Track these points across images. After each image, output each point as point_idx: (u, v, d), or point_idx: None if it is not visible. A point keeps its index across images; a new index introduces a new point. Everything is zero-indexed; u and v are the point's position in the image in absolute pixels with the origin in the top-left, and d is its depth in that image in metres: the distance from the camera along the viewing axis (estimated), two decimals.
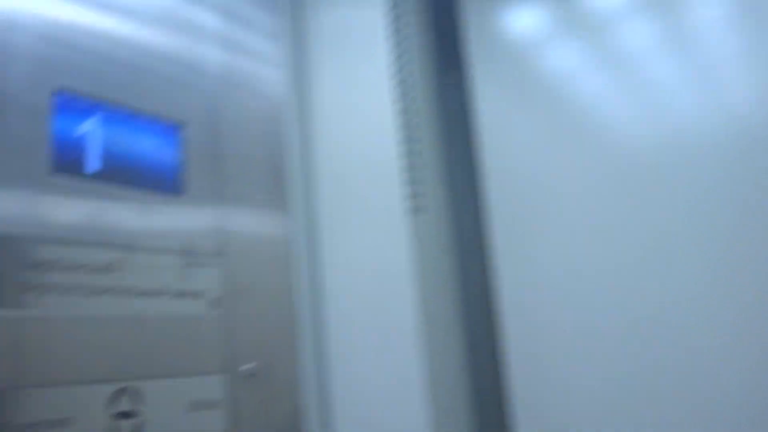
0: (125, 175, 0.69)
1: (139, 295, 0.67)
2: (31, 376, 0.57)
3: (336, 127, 0.92)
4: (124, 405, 0.64)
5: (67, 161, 0.64)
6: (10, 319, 0.56)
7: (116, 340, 0.64)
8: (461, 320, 0.96)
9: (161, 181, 0.72)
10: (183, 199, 0.74)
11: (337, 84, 0.93)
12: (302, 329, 0.84)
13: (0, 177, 0.58)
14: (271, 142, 0.86)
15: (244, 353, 0.76)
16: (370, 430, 0.81)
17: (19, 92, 0.61)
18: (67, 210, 0.63)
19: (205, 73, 0.80)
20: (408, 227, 0.84)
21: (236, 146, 0.81)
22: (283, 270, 0.84)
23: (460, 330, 0.95)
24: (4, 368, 0.55)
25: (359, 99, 0.91)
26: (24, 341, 0.57)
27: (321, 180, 0.92)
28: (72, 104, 0.66)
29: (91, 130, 0.67)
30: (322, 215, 0.90)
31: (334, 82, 0.94)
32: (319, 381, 0.85)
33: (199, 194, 0.76)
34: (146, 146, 0.72)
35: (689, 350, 0.74)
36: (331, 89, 0.94)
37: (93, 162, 0.66)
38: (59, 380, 0.59)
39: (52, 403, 0.58)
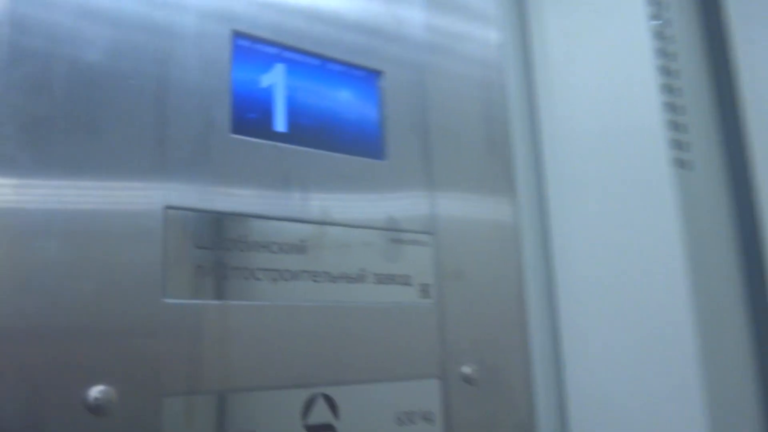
0: (317, 135, 0.58)
1: (336, 280, 0.55)
2: (210, 381, 0.47)
3: (568, 88, 0.76)
4: (320, 416, 0.52)
5: (249, 119, 0.54)
6: (185, 309, 0.47)
7: (309, 336, 0.53)
8: (744, 307, 0.76)
9: (360, 144, 0.60)
10: (385, 166, 0.61)
11: (568, 36, 0.77)
12: (533, 327, 0.69)
13: (174, 137, 0.49)
14: (484, 107, 0.71)
15: (462, 353, 0.62)
16: None
17: (196, 37, 0.52)
18: (250, 177, 0.53)
19: (409, 24, 0.67)
20: (674, 195, 0.68)
21: (444, 108, 0.67)
22: (503, 254, 0.68)
23: (742, 321, 0.75)
24: (182, 369, 0.46)
25: (600, 51, 0.75)
26: (201, 337, 0.47)
27: (550, 151, 0.76)
28: (254, 53, 0.55)
29: (276, 82, 0.56)
30: (553, 192, 0.74)
31: (564, 33, 0.78)
32: (555, 388, 0.70)
33: (404, 161, 0.63)
34: (341, 103, 0.60)
35: None
36: (561, 42, 0.78)
37: (279, 120, 0.56)
38: (242, 385, 0.49)
39: (240, 413, 0.48)
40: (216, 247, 0.49)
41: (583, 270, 0.68)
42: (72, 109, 0.45)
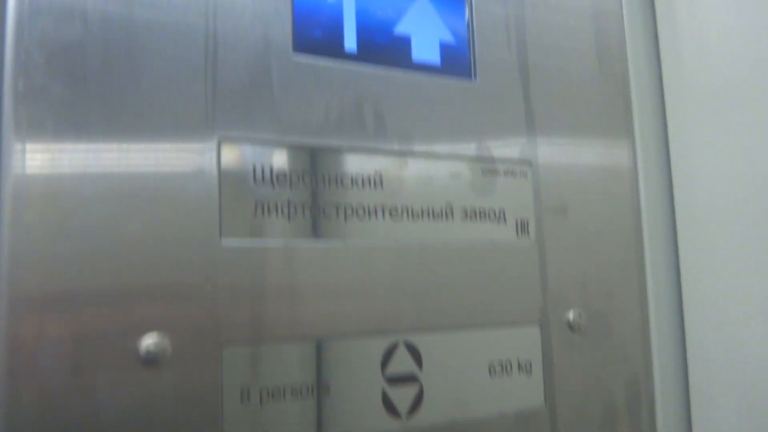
0: (392, 53, 0.50)
1: (418, 216, 0.49)
2: (275, 329, 0.43)
3: (694, 17, 0.61)
4: (402, 366, 0.47)
5: (314, 37, 0.47)
6: (245, 250, 0.43)
7: (387, 279, 0.47)
8: None
9: (445, 62, 0.52)
10: (475, 87, 0.53)
11: None
12: (650, 273, 0.60)
13: (227, 60, 0.44)
14: (593, 23, 0.61)
15: (567, 298, 0.55)
16: (750, 413, 0.54)
17: None
18: (316, 103, 0.47)
19: None
20: None
21: (546, 23, 0.58)
22: (615, 190, 0.59)
23: None
24: (243, 316, 0.42)
25: None
26: (263, 281, 0.43)
27: (673, 86, 0.63)
28: None
29: None
30: (673, 129, 0.62)
31: None
32: (675, 339, 0.61)
33: (498, 80, 0.54)
34: (420, 15, 0.52)
35: None
36: None
37: (349, 37, 0.49)
38: (311, 333, 0.45)
39: (309, 364, 0.44)
40: (277, 183, 0.44)
41: (707, 215, 0.58)
42: (109, 31, 0.41)
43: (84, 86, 0.39)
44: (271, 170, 0.44)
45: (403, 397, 0.47)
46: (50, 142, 0.38)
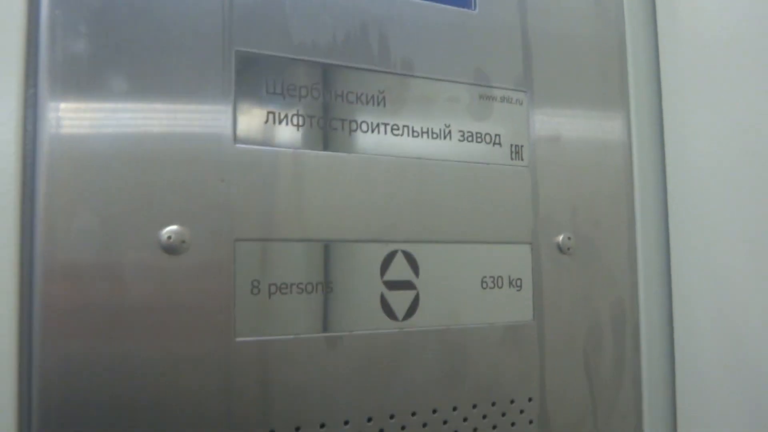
0: None
1: (418, 135, 0.52)
2: (283, 228, 0.47)
3: None
4: (399, 272, 0.51)
5: None
6: (257, 154, 0.46)
7: (388, 190, 0.51)
8: None
9: None
10: (475, 15, 0.56)
11: None
12: (638, 205, 0.63)
13: None
14: None
15: (557, 221, 0.58)
16: (727, 338, 0.57)
17: None
18: (325, 21, 0.50)
19: None
20: None
21: None
22: (608, 120, 0.62)
23: None
24: (255, 214, 0.46)
25: None
26: (274, 184, 0.47)
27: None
28: None
29: None
30: (667, 64, 0.63)
31: None
32: (661, 265, 0.63)
33: (497, 10, 0.57)
34: None
35: None
36: None
37: None
38: (317, 235, 0.48)
39: (315, 263, 0.48)
40: (288, 94, 0.48)
41: (696, 153, 0.61)
42: None
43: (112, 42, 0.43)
44: (282, 83, 0.48)
45: (400, 301, 0.51)
46: (84, 101, 0.42)
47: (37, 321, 0.39)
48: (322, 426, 0.47)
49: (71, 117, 0.41)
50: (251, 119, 0.46)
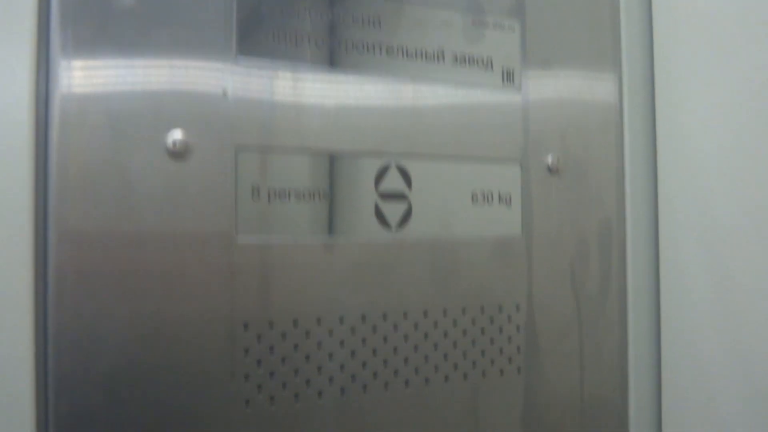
0: None
1: (412, 57, 0.55)
2: (282, 138, 0.51)
3: None
4: (393, 185, 0.54)
5: None
6: (256, 70, 0.50)
7: (383, 106, 0.54)
8: None
9: None
10: None
11: None
12: (628, 128, 0.65)
13: None
14: None
15: (547, 143, 0.61)
16: (710, 255, 0.59)
17: None
18: None
19: None
20: None
21: None
22: (598, 47, 0.65)
23: None
24: (255, 123, 0.50)
25: None
26: (272, 97, 0.50)
27: None
28: None
29: None
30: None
31: None
32: (648, 188, 0.66)
33: None
34: None
35: None
36: None
37: None
38: (315, 147, 0.52)
39: (314, 173, 0.52)
40: (285, 13, 0.51)
41: (688, 81, 0.63)
42: None
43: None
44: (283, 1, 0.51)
45: (393, 211, 0.55)
46: (95, 59, 0.45)
47: (51, 247, 0.43)
48: (319, 321, 0.51)
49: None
50: (252, 34, 0.50)
